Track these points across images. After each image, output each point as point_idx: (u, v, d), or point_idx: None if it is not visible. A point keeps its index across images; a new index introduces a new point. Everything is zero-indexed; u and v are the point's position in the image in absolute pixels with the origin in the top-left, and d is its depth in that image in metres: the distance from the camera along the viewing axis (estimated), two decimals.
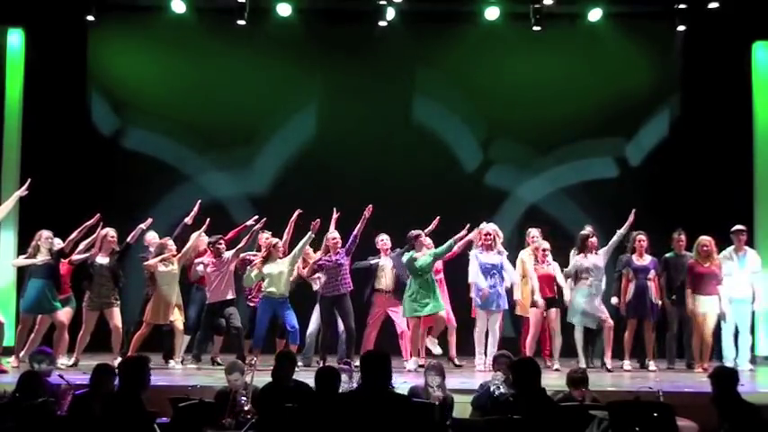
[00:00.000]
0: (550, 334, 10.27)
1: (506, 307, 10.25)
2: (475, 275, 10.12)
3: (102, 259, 10.22)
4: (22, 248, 11.55)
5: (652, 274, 10.25)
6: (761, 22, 11.74)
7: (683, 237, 10.49)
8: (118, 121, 12.49)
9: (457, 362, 10.48)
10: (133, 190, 12.20)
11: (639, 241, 10.25)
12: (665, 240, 10.89)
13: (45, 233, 10.15)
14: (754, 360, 10.68)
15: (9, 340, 11.45)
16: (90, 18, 11.97)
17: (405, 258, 10.07)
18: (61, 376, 7.12)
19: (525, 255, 10.40)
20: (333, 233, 10.34)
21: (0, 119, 11.92)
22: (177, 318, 10.15)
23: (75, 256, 10.27)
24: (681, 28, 12.14)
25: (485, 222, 10.37)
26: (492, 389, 6.83)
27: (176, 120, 12.43)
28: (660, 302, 10.34)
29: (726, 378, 6.21)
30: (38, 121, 11.90)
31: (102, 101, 12.46)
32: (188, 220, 10.82)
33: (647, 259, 10.31)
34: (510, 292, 10.31)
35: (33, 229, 11.10)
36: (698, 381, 8.90)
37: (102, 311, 10.18)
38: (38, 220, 11.36)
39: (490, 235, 10.18)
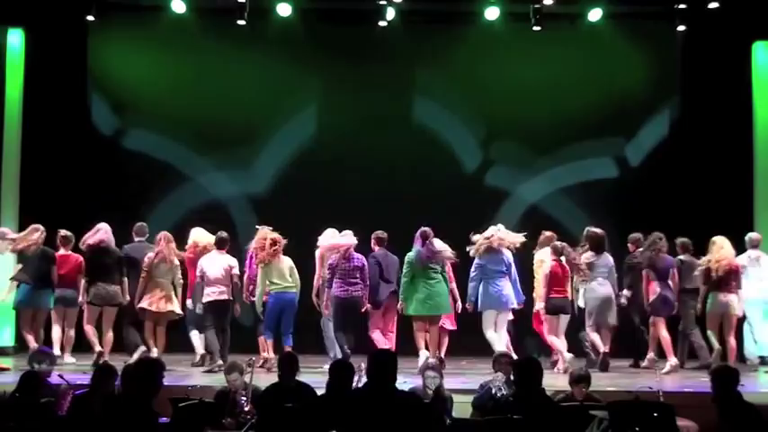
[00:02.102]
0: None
1: (515, 305, 10.10)
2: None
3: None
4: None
5: (671, 273, 10.22)
6: (761, 22, 11.73)
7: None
8: (118, 121, 12.48)
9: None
10: (133, 190, 12.20)
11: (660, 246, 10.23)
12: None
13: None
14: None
15: (8, 340, 11.50)
16: (90, 18, 11.94)
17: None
18: (61, 376, 7.13)
19: (544, 255, 10.31)
20: (346, 232, 10.18)
21: (0, 119, 11.90)
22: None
23: None
24: (681, 28, 12.12)
25: (492, 227, 10.23)
26: (494, 391, 6.82)
27: (176, 120, 12.43)
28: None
29: (726, 377, 6.21)
30: (38, 121, 11.89)
31: (102, 101, 12.45)
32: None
33: (666, 259, 10.24)
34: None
35: None
36: (698, 381, 8.90)
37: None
38: (38, 220, 11.38)
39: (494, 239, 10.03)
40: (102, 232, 10.03)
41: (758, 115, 11.91)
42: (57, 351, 9.86)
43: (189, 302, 10.37)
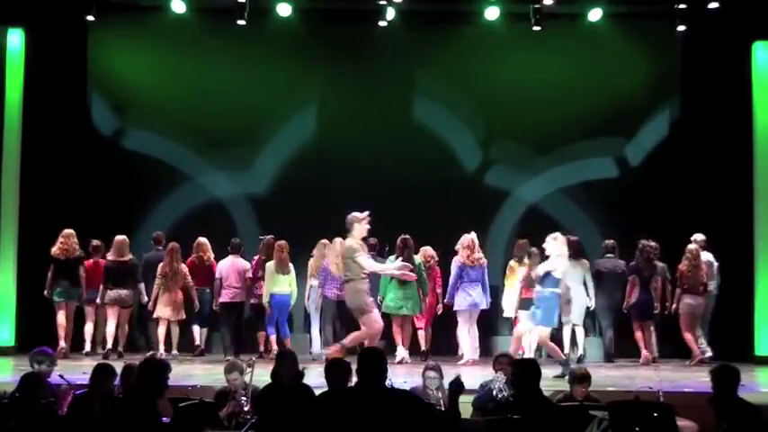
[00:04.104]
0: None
1: (484, 307, 10.89)
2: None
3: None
4: (21, 248, 11.58)
5: (654, 278, 10.90)
6: (761, 22, 11.71)
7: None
8: (118, 121, 12.48)
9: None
10: (133, 190, 12.19)
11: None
12: (664, 240, 11.01)
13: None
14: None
15: (8, 341, 11.51)
16: (90, 18, 11.93)
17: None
18: (61, 376, 7.12)
19: (514, 263, 11.13)
20: (339, 240, 10.79)
21: (0, 119, 11.88)
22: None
23: None
24: (681, 28, 12.11)
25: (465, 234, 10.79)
26: (495, 392, 6.81)
27: (176, 120, 12.42)
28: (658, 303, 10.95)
29: (727, 377, 6.19)
30: (38, 121, 11.85)
31: (102, 101, 12.45)
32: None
33: (652, 266, 10.86)
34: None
35: (33, 229, 11.16)
36: (698, 381, 8.91)
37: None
38: (38, 220, 11.40)
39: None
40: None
41: (758, 115, 11.86)
42: (88, 347, 11.12)
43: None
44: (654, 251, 10.81)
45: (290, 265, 11.08)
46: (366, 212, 9.42)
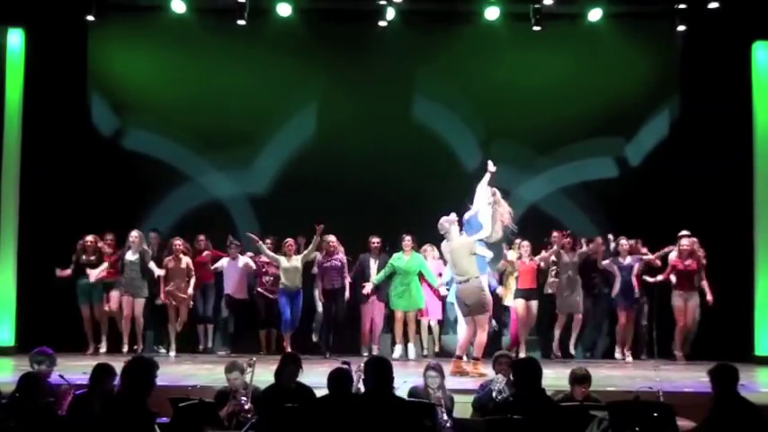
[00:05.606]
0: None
1: None
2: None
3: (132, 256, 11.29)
4: (21, 248, 11.58)
5: (635, 270, 11.33)
6: (761, 22, 11.71)
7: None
8: (118, 121, 12.48)
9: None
10: (133, 191, 12.19)
11: (622, 245, 11.34)
12: (664, 240, 11.03)
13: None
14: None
15: (8, 341, 11.51)
16: (90, 18, 11.94)
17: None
18: (61, 376, 7.12)
19: (512, 255, 11.40)
20: (330, 237, 11.28)
21: (0, 119, 11.87)
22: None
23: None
24: (681, 28, 12.12)
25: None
26: (494, 394, 6.79)
27: (176, 120, 12.43)
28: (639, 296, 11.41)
29: (726, 376, 6.18)
30: (38, 121, 11.85)
31: (102, 101, 12.45)
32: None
33: (628, 259, 11.36)
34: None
35: (33, 229, 11.14)
36: (698, 381, 8.90)
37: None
38: (37, 220, 11.39)
39: None
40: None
41: (758, 115, 11.85)
42: None
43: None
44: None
45: (296, 257, 11.24)
46: (453, 214, 9.67)
